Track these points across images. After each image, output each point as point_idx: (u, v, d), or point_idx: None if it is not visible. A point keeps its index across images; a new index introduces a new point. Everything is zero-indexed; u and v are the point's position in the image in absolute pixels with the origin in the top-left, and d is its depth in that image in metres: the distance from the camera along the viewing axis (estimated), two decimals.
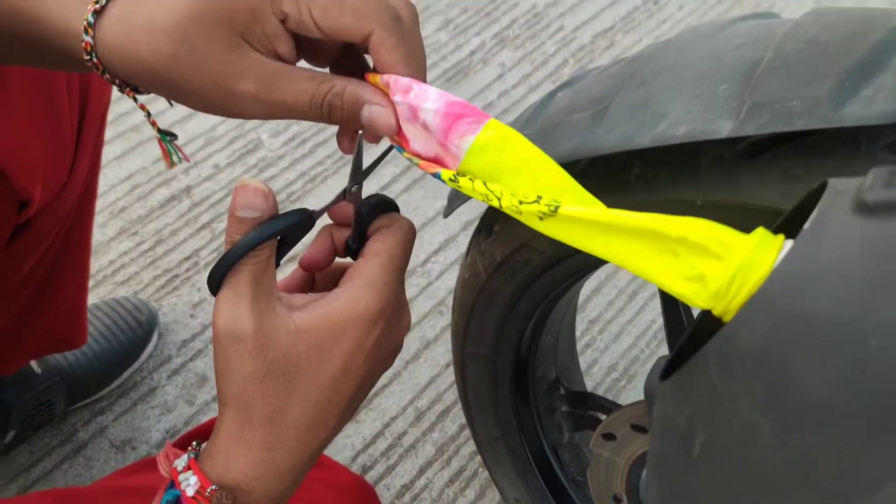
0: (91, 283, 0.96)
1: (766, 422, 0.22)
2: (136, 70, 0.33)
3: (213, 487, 0.34)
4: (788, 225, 0.27)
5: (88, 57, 0.34)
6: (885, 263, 0.20)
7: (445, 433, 0.92)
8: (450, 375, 0.95)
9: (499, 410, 0.73)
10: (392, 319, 0.36)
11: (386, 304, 0.35)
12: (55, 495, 0.53)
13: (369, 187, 1.10)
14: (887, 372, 0.20)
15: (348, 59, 0.37)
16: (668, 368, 0.28)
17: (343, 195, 0.38)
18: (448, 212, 0.62)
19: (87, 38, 0.33)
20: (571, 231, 0.30)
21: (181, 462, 0.36)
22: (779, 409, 0.22)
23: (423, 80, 0.35)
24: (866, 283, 0.20)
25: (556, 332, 0.73)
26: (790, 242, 0.24)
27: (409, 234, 0.38)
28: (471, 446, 0.91)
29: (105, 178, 1.04)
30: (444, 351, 0.97)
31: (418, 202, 1.08)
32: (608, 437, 0.61)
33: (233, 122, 1.13)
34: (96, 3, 0.33)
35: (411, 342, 0.97)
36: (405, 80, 0.34)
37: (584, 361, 0.97)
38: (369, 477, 0.88)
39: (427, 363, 0.96)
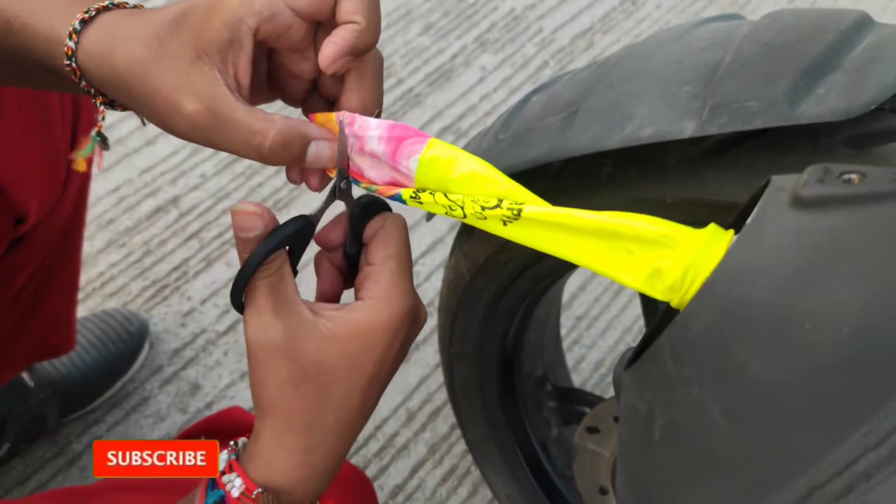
0: (80, 295, 0.97)
1: (714, 404, 0.23)
2: (109, 76, 0.34)
3: (259, 490, 0.35)
4: (740, 220, 0.29)
5: (68, 62, 0.34)
6: (816, 253, 0.22)
7: (437, 433, 0.93)
8: (440, 376, 0.96)
9: (487, 408, 0.75)
10: (413, 322, 0.37)
11: (407, 309, 0.36)
12: (60, 494, 0.54)
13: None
14: (820, 351, 0.21)
15: (320, 97, 0.38)
16: (632, 359, 0.30)
17: (333, 194, 0.38)
18: (431, 215, 0.63)
19: (70, 43, 0.34)
20: (534, 234, 0.32)
21: (221, 462, 0.37)
22: (725, 392, 0.23)
23: (372, 41, 0.35)
24: (799, 271, 0.22)
25: (540, 330, 0.74)
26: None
27: (406, 231, 0.39)
28: (462, 445, 0.92)
29: (91, 191, 1.05)
30: (433, 352, 0.98)
31: (404, 206, 1.10)
32: (592, 430, 0.63)
33: None
34: (86, 13, 0.35)
35: None
36: (349, 115, 0.35)
37: (571, 358, 0.98)
38: None
39: (417, 364, 0.97)
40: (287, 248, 0.36)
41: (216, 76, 0.33)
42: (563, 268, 0.61)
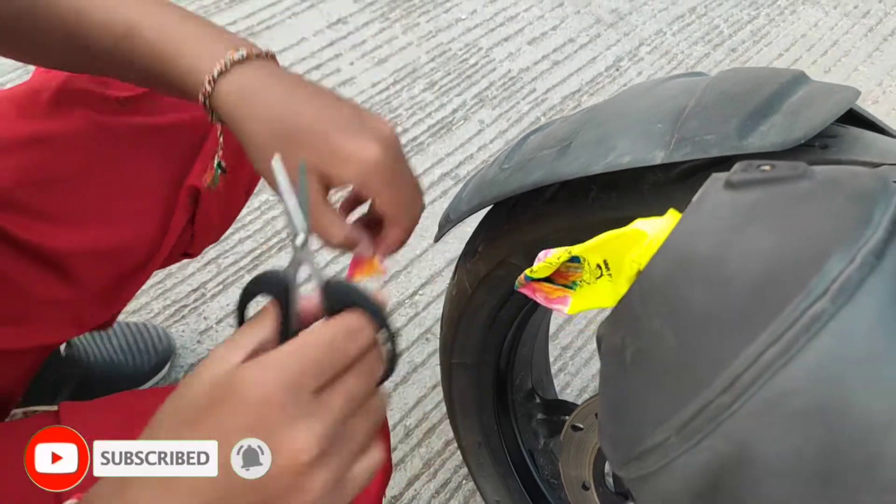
0: None
1: (668, 330, 0.32)
2: (234, 118, 0.44)
3: None
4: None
5: (203, 100, 0.44)
6: (739, 218, 0.32)
7: (432, 448, 1.00)
8: (436, 396, 1.04)
9: (482, 416, 0.82)
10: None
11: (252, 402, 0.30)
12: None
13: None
14: (740, 283, 0.30)
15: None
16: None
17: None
18: (438, 236, 0.73)
19: (207, 87, 0.43)
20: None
21: None
22: (676, 320, 0.32)
23: (404, 235, 0.46)
24: (728, 229, 0.31)
25: (531, 345, 0.83)
26: None
27: (332, 341, 0.32)
28: (455, 460, 0.99)
29: None
30: (430, 374, 1.06)
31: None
32: (576, 428, 0.70)
33: None
34: (223, 65, 0.43)
35: (401, 366, 1.06)
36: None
37: (557, 384, 1.06)
38: None
39: (415, 385, 1.05)
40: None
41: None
42: None
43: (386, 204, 0.44)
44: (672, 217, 0.36)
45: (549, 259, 0.43)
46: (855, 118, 0.56)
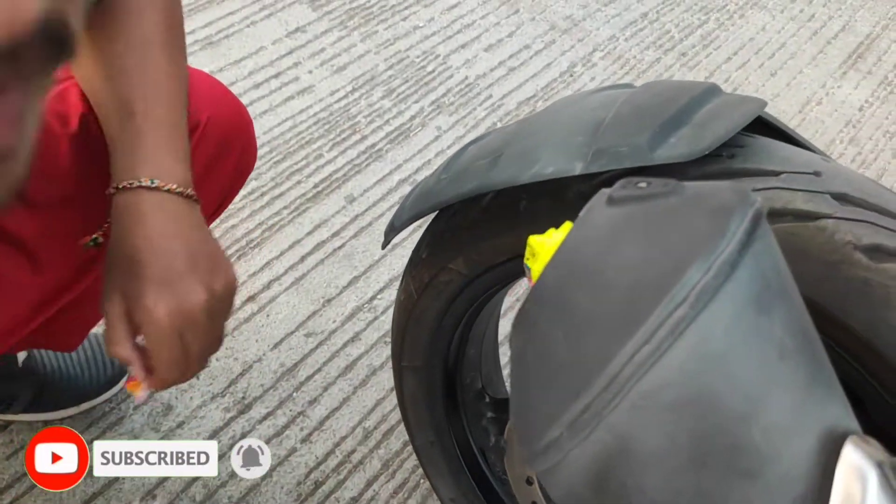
0: None
1: (558, 331, 0.35)
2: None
3: None
4: None
5: (109, 194, 0.54)
6: (616, 230, 0.35)
7: (390, 449, 1.03)
8: (395, 398, 1.06)
9: (433, 417, 0.85)
10: None
11: None
12: None
13: (321, 235, 1.22)
14: (617, 293, 0.34)
15: None
16: None
17: None
18: (385, 243, 0.76)
19: (111, 190, 0.54)
20: None
21: None
22: (564, 321, 0.35)
23: (160, 384, 0.56)
24: (607, 241, 0.35)
25: (479, 346, 0.86)
26: None
27: None
28: (414, 460, 1.01)
29: None
30: (388, 377, 1.08)
31: (365, 247, 1.22)
32: None
33: None
34: (130, 183, 0.53)
35: (360, 370, 1.08)
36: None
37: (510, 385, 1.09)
38: (321, 491, 0.98)
39: (374, 388, 1.07)
40: None
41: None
42: (494, 286, 0.73)
43: (152, 357, 0.54)
44: (566, 229, 0.39)
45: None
46: (769, 127, 0.60)
